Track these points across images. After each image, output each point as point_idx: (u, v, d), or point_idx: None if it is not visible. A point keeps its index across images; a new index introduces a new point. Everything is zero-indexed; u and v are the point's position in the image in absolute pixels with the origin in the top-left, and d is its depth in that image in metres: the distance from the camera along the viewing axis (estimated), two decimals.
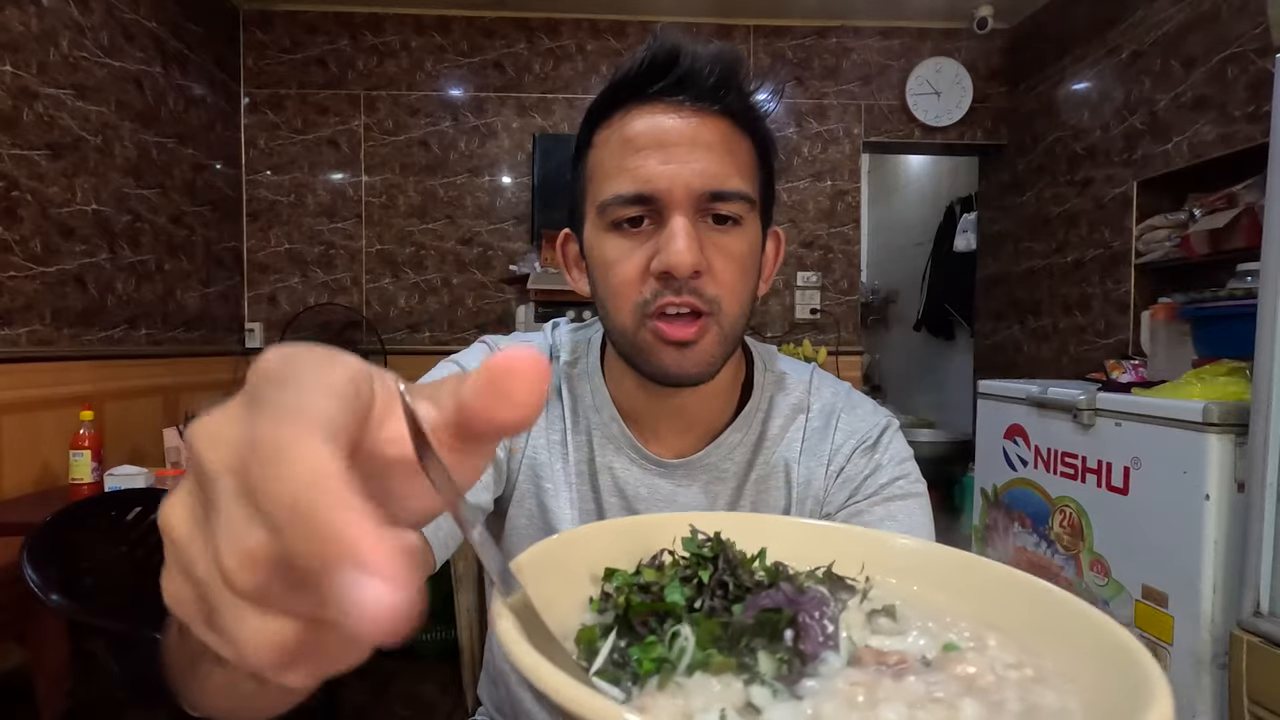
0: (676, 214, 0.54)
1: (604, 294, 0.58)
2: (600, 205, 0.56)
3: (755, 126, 0.58)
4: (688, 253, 0.52)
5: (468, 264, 3.60)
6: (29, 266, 2.21)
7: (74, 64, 2.38)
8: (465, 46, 3.55)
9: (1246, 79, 2.31)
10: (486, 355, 0.66)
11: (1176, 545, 1.83)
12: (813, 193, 3.69)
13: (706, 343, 0.56)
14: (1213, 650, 1.75)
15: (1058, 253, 3.23)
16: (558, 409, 0.66)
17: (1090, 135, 3.03)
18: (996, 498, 2.60)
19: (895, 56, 3.65)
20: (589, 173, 0.58)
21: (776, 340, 3.59)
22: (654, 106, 0.55)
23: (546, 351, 0.69)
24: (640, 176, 0.54)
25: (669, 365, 0.56)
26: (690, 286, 0.54)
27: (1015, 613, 0.29)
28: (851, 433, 0.66)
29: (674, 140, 0.54)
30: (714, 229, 0.55)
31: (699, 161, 0.53)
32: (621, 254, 0.56)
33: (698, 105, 0.54)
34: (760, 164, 0.59)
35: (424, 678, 2.15)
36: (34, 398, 2.23)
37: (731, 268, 0.56)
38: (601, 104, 0.58)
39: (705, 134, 0.54)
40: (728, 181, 0.54)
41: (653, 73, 0.54)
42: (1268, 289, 1.59)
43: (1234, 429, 1.72)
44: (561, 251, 0.66)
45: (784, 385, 0.68)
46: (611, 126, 0.57)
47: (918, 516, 0.63)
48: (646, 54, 0.55)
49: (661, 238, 0.54)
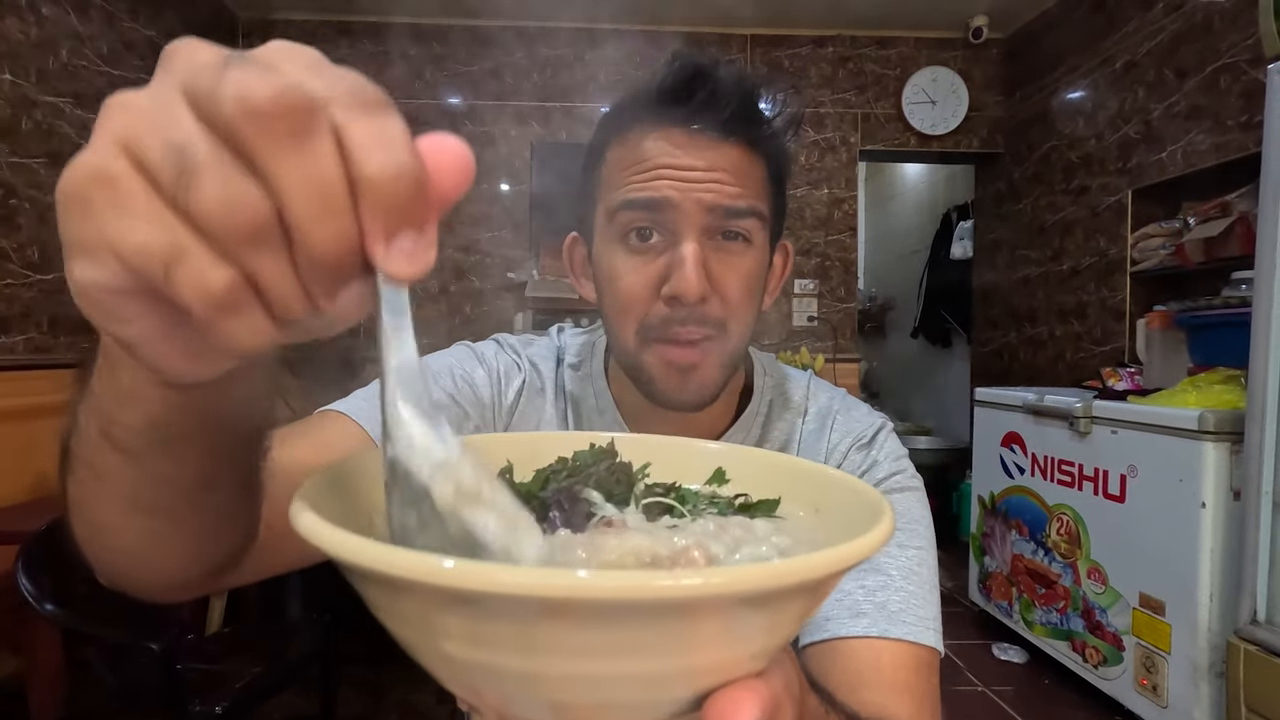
0: (688, 238, 0.55)
1: (610, 308, 0.59)
2: (610, 210, 0.57)
3: (770, 149, 0.59)
4: (696, 281, 0.53)
5: (465, 272, 3.60)
6: (26, 274, 2.21)
7: (73, 72, 2.39)
8: (463, 55, 3.57)
9: (1239, 89, 2.33)
10: (497, 353, 0.68)
11: (1173, 553, 1.83)
12: (810, 200, 3.70)
13: (708, 367, 0.57)
14: (1210, 658, 1.75)
15: (1054, 261, 3.25)
16: (558, 413, 0.67)
17: (1085, 144, 3.05)
18: (994, 505, 2.60)
19: (892, 66, 3.67)
20: (601, 180, 0.59)
21: (774, 347, 3.60)
22: (670, 132, 0.55)
23: (554, 355, 0.70)
24: (654, 188, 0.55)
25: (670, 391, 0.57)
26: (696, 315, 0.55)
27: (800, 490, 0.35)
28: (847, 432, 0.67)
29: (688, 164, 0.54)
30: (724, 245, 0.56)
31: (713, 184, 0.54)
32: (630, 269, 0.56)
33: (712, 137, 0.55)
34: (772, 182, 0.60)
35: (419, 686, 2.14)
36: (30, 405, 2.22)
37: (739, 287, 0.56)
38: (618, 117, 0.59)
39: (719, 160, 0.55)
40: (740, 199, 0.55)
41: (672, 96, 0.55)
42: (1262, 297, 1.60)
43: (1230, 437, 1.72)
44: (569, 255, 0.67)
45: (782, 390, 0.70)
46: (626, 143, 0.57)
47: (916, 510, 0.64)
48: (666, 78, 0.55)
49: (672, 260, 0.55)
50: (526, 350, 0.69)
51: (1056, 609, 2.26)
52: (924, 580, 0.61)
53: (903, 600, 0.58)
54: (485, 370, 0.65)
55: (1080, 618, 2.15)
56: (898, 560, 0.60)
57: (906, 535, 0.62)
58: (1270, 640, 1.58)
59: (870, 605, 0.57)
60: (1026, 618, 2.41)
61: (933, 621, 0.59)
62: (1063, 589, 2.23)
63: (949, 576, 3.31)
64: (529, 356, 0.68)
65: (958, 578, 3.22)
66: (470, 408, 0.62)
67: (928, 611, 0.59)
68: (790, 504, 0.34)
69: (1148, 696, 1.90)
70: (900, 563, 0.60)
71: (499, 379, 0.65)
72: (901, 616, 0.57)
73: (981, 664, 2.42)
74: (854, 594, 0.58)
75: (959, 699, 2.19)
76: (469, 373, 0.64)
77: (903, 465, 0.66)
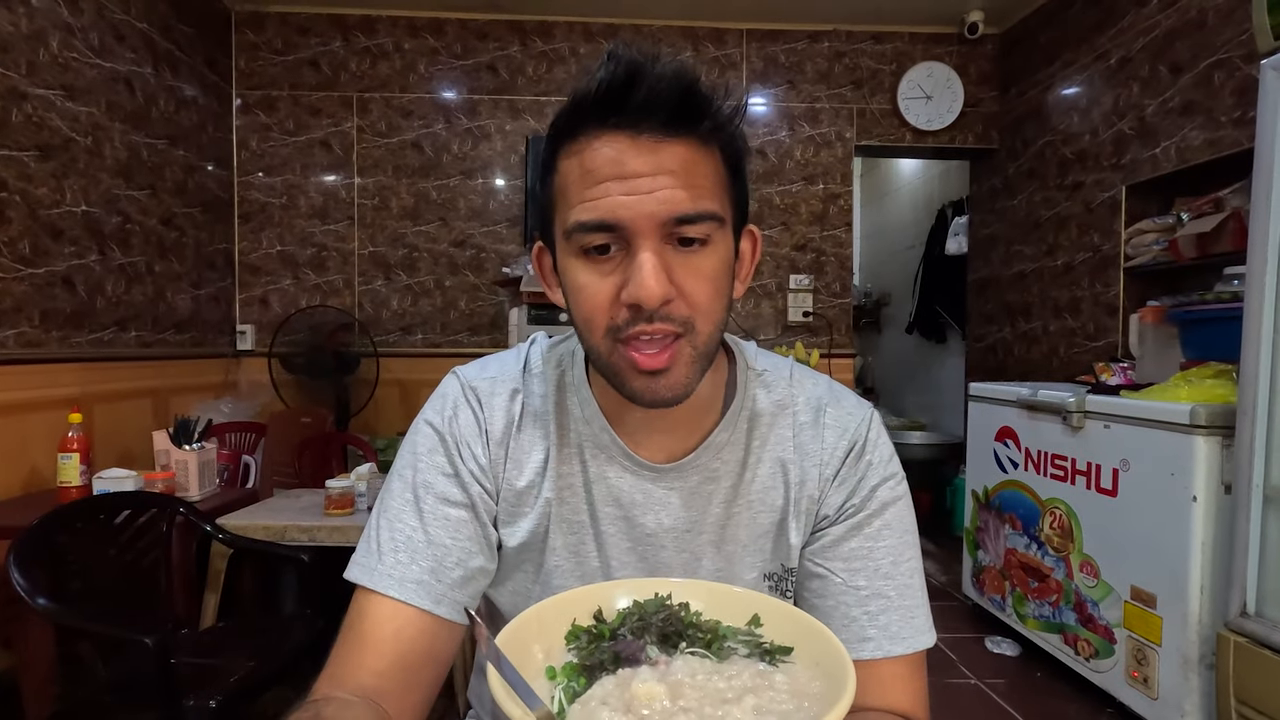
0: (643, 246, 0.53)
1: (577, 317, 0.58)
2: (566, 231, 0.56)
3: (721, 139, 0.57)
4: (656, 285, 0.52)
5: (461, 266, 3.60)
6: (17, 268, 2.19)
7: (64, 64, 2.37)
8: (458, 49, 3.55)
9: (1233, 85, 2.34)
10: (456, 389, 0.67)
11: (1165, 547, 1.84)
12: (805, 196, 3.70)
13: (679, 367, 0.56)
14: (1200, 650, 1.76)
15: (1048, 256, 3.26)
16: (540, 432, 0.66)
17: (1079, 140, 3.06)
18: (987, 499, 2.61)
19: (887, 61, 3.68)
20: (555, 194, 0.58)
21: (769, 343, 3.60)
22: (613, 136, 0.54)
23: (519, 369, 0.69)
24: (603, 207, 0.53)
25: (643, 392, 0.57)
26: (661, 314, 0.54)
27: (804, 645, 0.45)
28: (843, 431, 0.67)
29: (634, 170, 0.53)
30: (682, 251, 0.55)
31: (662, 190, 0.53)
32: (590, 280, 0.56)
33: (656, 136, 0.53)
34: (730, 174, 0.58)
35: None
36: (22, 400, 2.21)
37: (703, 287, 0.55)
38: (562, 125, 0.57)
39: (667, 160, 0.53)
40: (693, 205, 0.53)
41: (609, 102, 0.53)
42: (1253, 292, 1.61)
43: (1221, 431, 1.73)
44: (538, 263, 0.66)
45: (765, 382, 0.69)
46: (573, 151, 0.56)
47: (906, 520, 0.66)
48: (603, 79, 0.53)
49: (630, 268, 0.54)
50: (493, 384, 0.68)
51: (1049, 602, 2.27)
52: (917, 589, 0.64)
53: (902, 619, 0.62)
54: (461, 455, 0.65)
55: (1072, 611, 2.17)
56: (895, 580, 0.63)
57: (900, 550, 0.64)
58: (1260, 633, 1.59)
59: (874, 630, 0.62)
60: (1019, 611, 2.43)
61: (925, 623, 0.64)
62: (1055, 582, 2.24)
63: (942, 571, 3.33)
64: (500, 385, 0.67)
65: (951, 572, 3.24)
66: (480, 489, 0.65)
67: (921, 620, 0.63)
68: (801, 653, 0.44)
69: (1139, 688, 1.92)
70: (897, 581, 0.63)
71: (473, 447, 0.65)
72: (902, 634, 0.62)
73: (975, 657, 2.43)
74: (859, 620, 0.62)
75: (952, 692, 2.21)
76: (452, 464, 0.64)
77: (892, 469, 0.67)
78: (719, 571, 0.65)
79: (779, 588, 0.66)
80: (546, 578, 0.65)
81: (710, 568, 0.65)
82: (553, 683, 0.42)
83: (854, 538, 0.64)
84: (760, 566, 0.66)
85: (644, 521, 0.65)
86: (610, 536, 0.65)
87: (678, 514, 0.65)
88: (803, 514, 0.66)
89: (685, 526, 0.65)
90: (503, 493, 0.65)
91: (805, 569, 0.66)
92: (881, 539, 0.64)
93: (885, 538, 0.64)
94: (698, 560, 0.65)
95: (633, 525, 0.65)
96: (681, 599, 0.48)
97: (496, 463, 0.65)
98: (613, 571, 0.65)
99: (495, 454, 0.65)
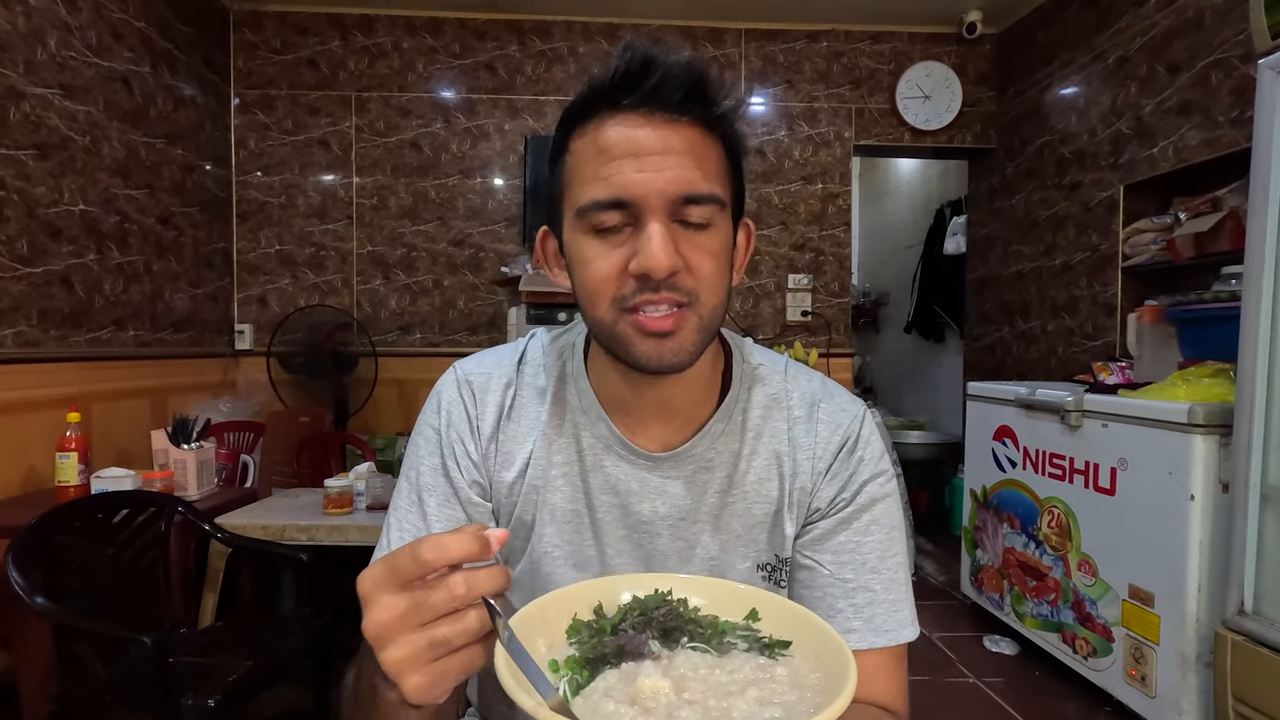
0: (652, 219, 0.56)
1: (582, 290, 0.60)
2: (579, 210, 0.58)
3: (723, 130, 0.60)
4: (664, 255, 0.55)
5: (459, 266, 3.60)
6: (15, 267, 2.19)
7: (62, 63, 2.37)
8: (457, 48, 3.55)
9: (1230, 84, 2.34)
10: (454, 382, 0.69)
11: (1162, 545, 1.85)
12: (804, 195, 3.71)
13: (685, 332, 0.58)
14: (1198, 649, 1.76)
15: (1046, 256, 3.26)
16: (538, 419, 0.68)
17: (1078, 140, 3.06)
18: (986, 498, 2.62)
19: (885, 60, 3.68)
20: (566, 176, 0.60)
21: (768, 342, 3.60)
22: (627, 116, 0.57)
23: (515, 361, 0.71)
24: (616, 184, 0.56)
25: (648, 355, 0.58)
26: (668, 284, 0.56)
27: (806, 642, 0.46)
28: (836, 426, 0.68)
29: (647, 149, 0.56)
30: (687, 230, 0.58)
31: (671, 168, 0.56)
32: (599, 254, 0.58)
33: (668, 115, 0.57)
34: (730, 165, 0.61)
35: None
36: (20, 399, 2.21)
37: (707, 262, 0.58)
38: (577, 109, 0.60)
39: (676, 141, 0.56)
40: (699, 185, 0.56)
41: (625, 85, 0.56)
42: (1251, 291, 1.61)
43: (1219, 430, 1.74)
44: (541, 248, 0.68)
45: (760, 376, 0.71)
46: (587, 134, 0.58)
47: (895, 516, 0.68)
48: (620, 66, 0.56)
49: (638, 241, 0.56)
50: (488, 378, 0.70)
51: (1047, 601, 2.28)
52: (902, 584, 0.66)
53: (886, 612, 0.64)
54: (454, 449, 0.67)
55: (1070, 610, 2.17)
56: (881, 575, 0.65)
57: (886, 545, 0.66)
58: (1257, 631, 1.59)
59: (859, 621, 0.64)
60: (1018, 610, 2.43)
61: (909, 617, 0.65)
62: (1053, 581, 2.25)
63: (941, 570, 3.34)
64: (495, 379, 0.70)
65: (950, 571, 3.24)
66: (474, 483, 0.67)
67: (905, 613, 0.65)
68: (799, 646, 0.45)
69: (1136, 687, 1.92)
70: (883, 575, 0.65)
71: (466, 428, 0.68)
72: (885, 627, 0.64)
73: (973, 656, 2.44)
74: (845, 611, 0.64)
75: (951, 690, 2.21)
76: (447, 463, 0.67)
77: (883, 466, 0.69)
78: (713, 559, 0.67)
79: (773, 577, 0.68)
80: (536, 564, 0.67)
81: (704, 555, 0.66)
82: (556, 675, 0.43)
83: (843, 531, 0.66)
84: (754, 556, 0.67)
85: (640, 509, 0.66)
86: (606, 524, 0.66)
87: (673, 502, 0.66)
88: (795, 506, 0.67)
89: (680, 514, 0.66)
90: (495, 484, 0.68)
91: (795, 560, 0.68)
92: (870, 534, 0.66)
93: (873, 533, 0.66)
94: (692, 548, 0.66)
95: (628, 513, 0.66)
96: (680, 595, 0.49)
97: (488, 457, 0.68)
98: (608, 559, 0.67)
99: (487, 448, 0.68)
